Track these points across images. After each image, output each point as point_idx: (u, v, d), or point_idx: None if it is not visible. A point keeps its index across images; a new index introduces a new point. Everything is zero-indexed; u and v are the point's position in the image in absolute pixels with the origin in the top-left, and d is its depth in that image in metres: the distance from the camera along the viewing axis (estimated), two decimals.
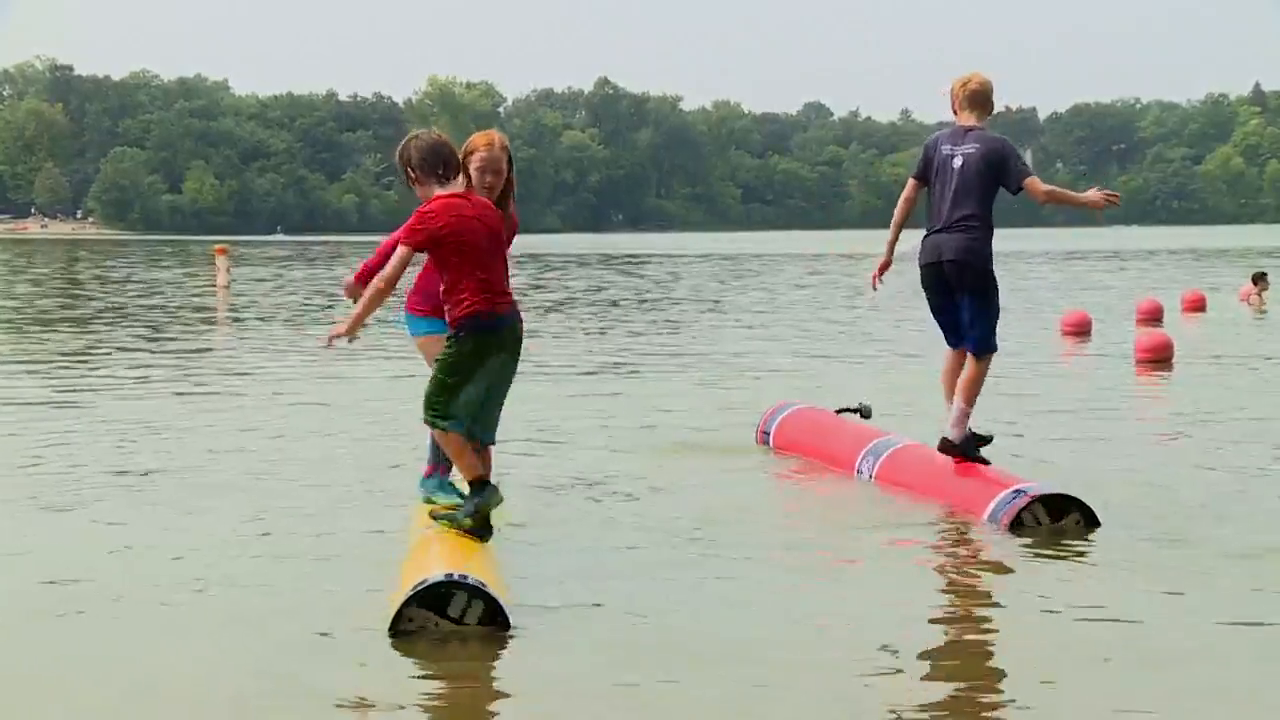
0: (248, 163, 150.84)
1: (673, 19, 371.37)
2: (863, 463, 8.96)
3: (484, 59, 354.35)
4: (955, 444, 8.25)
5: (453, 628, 5.72)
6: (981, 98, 8.31)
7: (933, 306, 8.42)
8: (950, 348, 8.44)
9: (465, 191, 6.42)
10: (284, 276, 40.85)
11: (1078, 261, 52.18)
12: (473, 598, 5.70)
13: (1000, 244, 8.36)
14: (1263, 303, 25.45)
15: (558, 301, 27.75)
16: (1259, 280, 26.37)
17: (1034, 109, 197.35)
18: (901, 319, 22.51)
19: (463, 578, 5.74)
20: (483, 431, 6.60)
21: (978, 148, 8.15)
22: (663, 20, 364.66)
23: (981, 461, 8.28)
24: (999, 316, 8.29)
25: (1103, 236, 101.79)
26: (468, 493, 6.57)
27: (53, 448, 10.12)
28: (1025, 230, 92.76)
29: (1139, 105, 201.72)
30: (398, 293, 6.67)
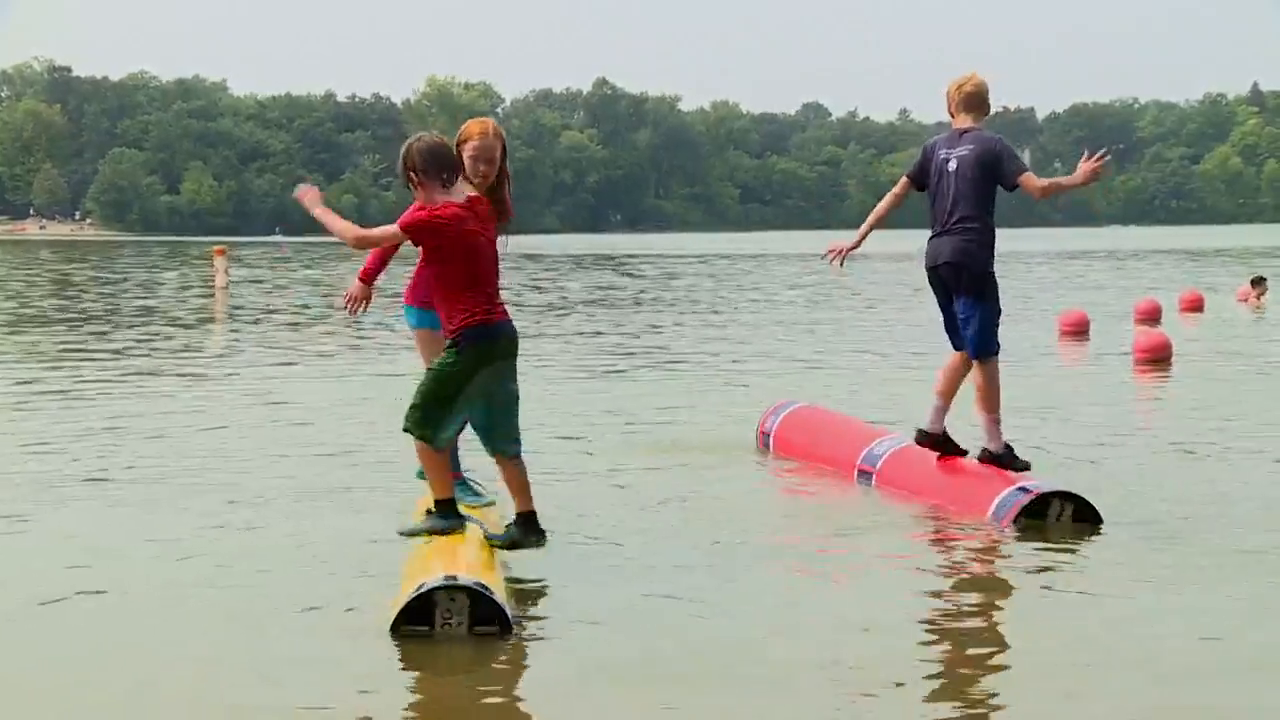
0: (246, 163, 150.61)
1: (671, 19, 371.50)
2: (863, 463, 8.98)
3: (482, 59, 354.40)
4: (996, 455, 8.22)
5: (455, 629, 5.71)
6: (977, 99, 8.28)
7: (940, 307, 8.45)
8: (956, 350, 8.43)
9: (469, 202, 6.40)
10: (282, 277, 40.83)
11: (1076, 261, 52.17)
12: (462, 594, 5.65)
13: (999, 244, 8.35)
14: (1261, 307, 25.40)
15: (553, 303, 27.75)
16: (1258, 284, 26.31)
17: (1032, 109, 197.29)
18: (899, 320, 22.53)
19: (450, 577, 5.71)
20: (502, 441, 6.47)
21: (972, 149, 8.12)
22: (661, 20, 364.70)
23: (1022, 469, 8.19)
24: (999, 319, 8.26)
25: (1101, 236, 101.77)
26: (436, 512, 6.47)
27: (33, 447, 10.16)
28: (1023, 230, 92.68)
29: (1137, 105, 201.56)
30: (388, 288, 6.64)
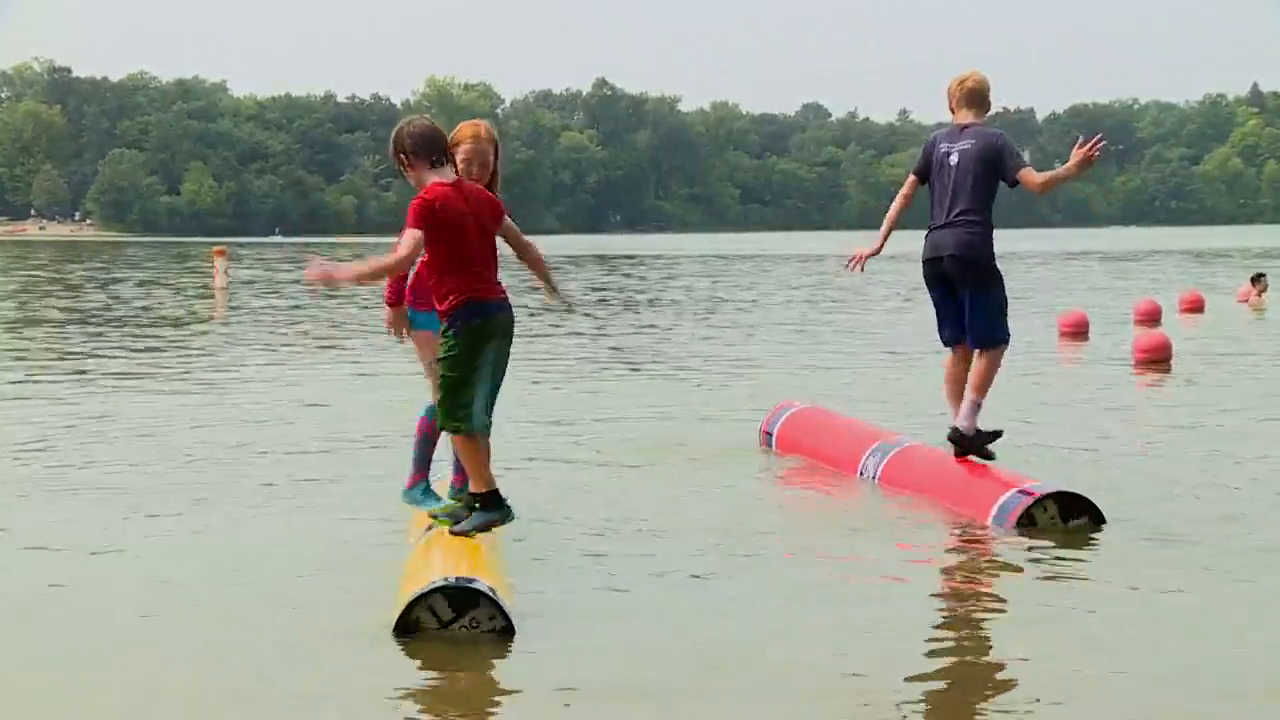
0: (246, 164, 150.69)
1: (671, 20, 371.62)
2: (866, 464, 8.98)
3: (482, 60, 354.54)
4: (965, 435, 8.23)
5: (457, 630, 5.72)
6: (978, 96, 8.35)
7: (935, 303, 8.46)
8: (946, 345, 8.45)
9: (457, 180, 6.41)
10: (281, 278, 40.84)
11: (1075, 262, 52.19)
12: (494, 613, 5.70)
13: (998, 244, 8.37)
14: (1262, 303, 25.46)
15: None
16: (1258, 280, 26.37)
17: (1032, 109, 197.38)
18: (899, 320, 22.53)
19: (446, 579, 5.72)
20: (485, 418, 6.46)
21: (974, 143, 8.19)
22: (661, 21, 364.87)
23: (988, 456, 8.28)
24: (1007, 307, 8.32)
25: (1101, 237, 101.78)
26: (481, 505, 6.43)
27: (24, 446, 10.19)
28: (1023, 230, 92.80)
29: (1137, 105, 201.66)
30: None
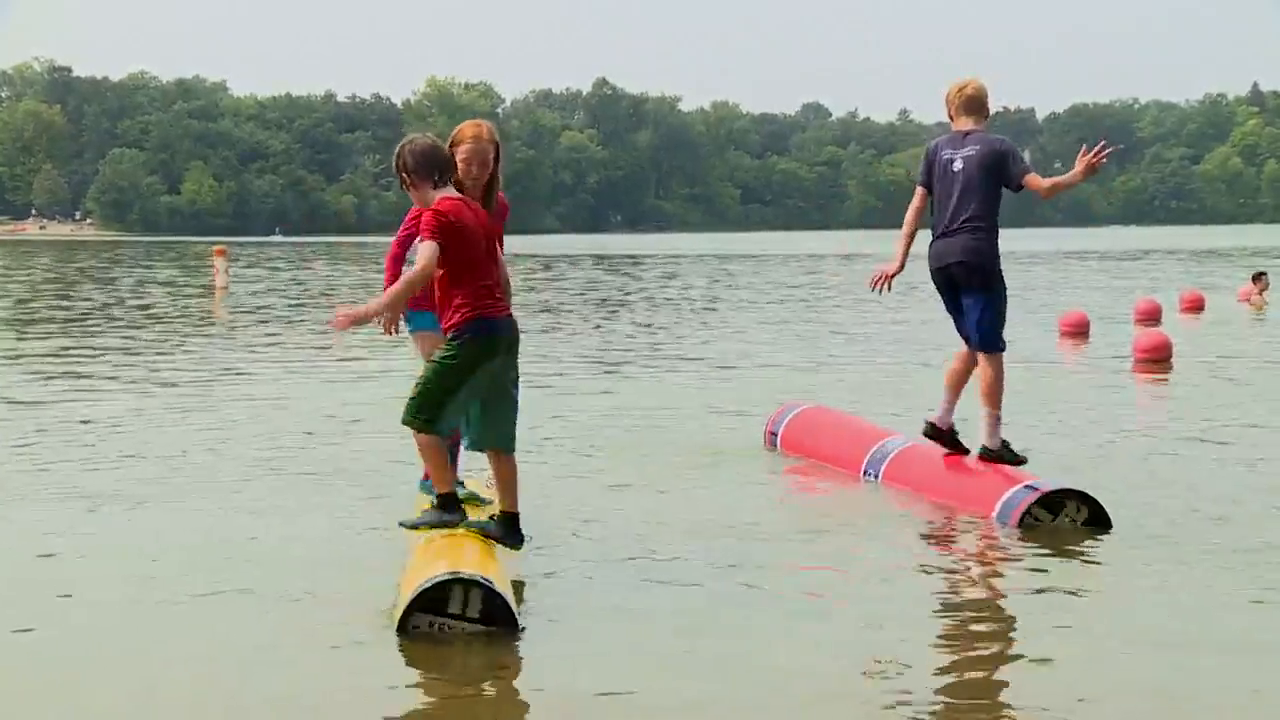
0: (246, 164, 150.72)
1: (671, 19, 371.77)
2: (869, 463, 8.98)
3: (482, 60, 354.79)
4: (993, 451, 8.30)
5: (460, 628, 5.72)
6: (977, 103, 8.40)
7: (947, 308, 8.50)
8: (966, 347, 8.47)
9: (464, 197, 6.44)
10: (280, 277, 40.85)
11: (1076, 261, 52.17)
12: (469, 589, 5.68)
13: (1001, 245, 8.38)
14: (1263, 302, 25.47)
15: (556, 301, 27.79)
16: (1259, 279, 26.38)
17: (1032, 109, 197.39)
18: (900, 319, 22.52)
19: (453, 573, 5.73)
20: (498, 438, 6.44)
21: (977, 149, 8.22)
22: (661, 21, 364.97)
23: (1019, 462, 8.30)
24: (1004, 317, 8.34)
25: (1101, 237, 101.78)
26: (438, 505, 6.46)
27: (22, 447, 10.21)
28: (1023, 230, 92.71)
29: (1137, 105, 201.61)
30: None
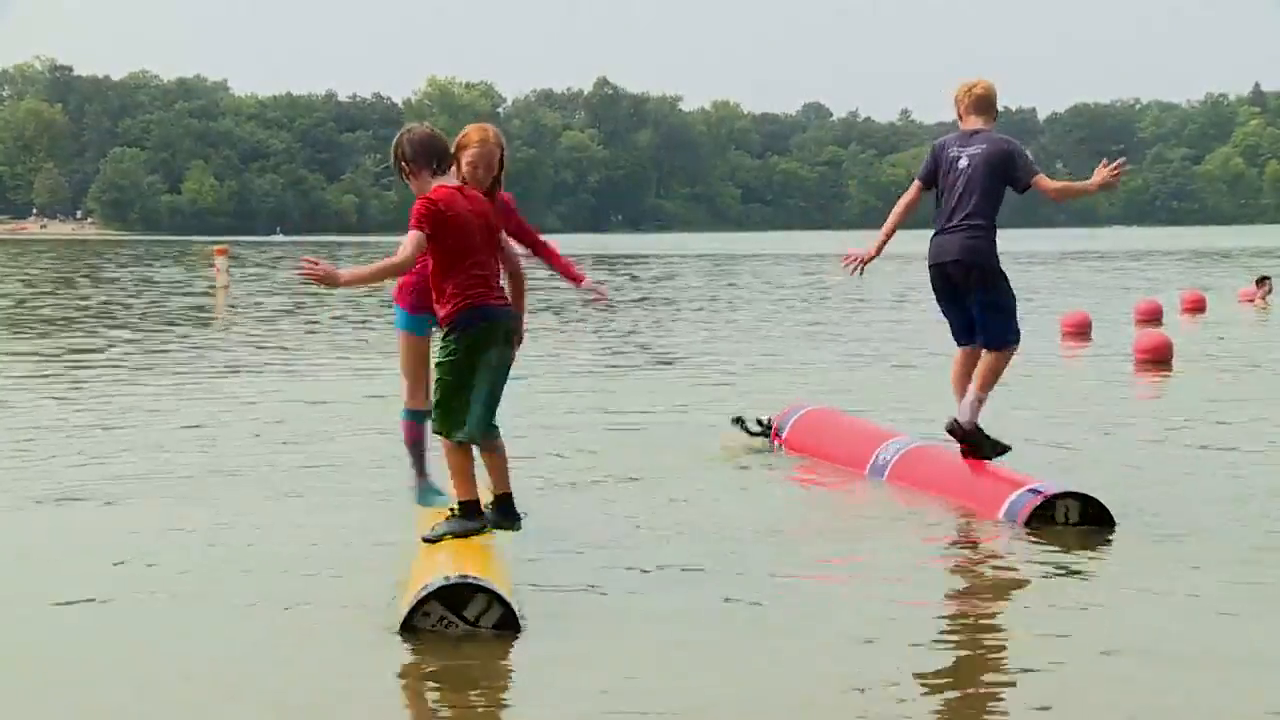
0: (247, 163, 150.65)
1: (672, 19, 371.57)
2: (875, 464, 8.99)
3: (483, 59, 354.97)
4: (963, 427, 8.27)
5: (464, 628, 5.74)
6: (986, 103, 8.43)
7: (941, 306, 8.49)
8: (960, 347, 8.48)
9: (460, 185, 6.45)
10: (282, 276, 40.85)
11: (1077, 262, 52.16)
12: (493, 603, 5.72)
13: (1000, 244, 8.38)
14: (1266, 305, 25.48)
15: (559, 301, 27.73)
16: (1262, 283, 26.36)
17: (1033, 109, 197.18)
18: (900, 319, 22.53)
19: (476, 580, 5.74)
20: (488, 425, 6.43)
21: (985, 148, 8.24)
22: (662, 20, 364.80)
23: (985, 455, 8.30)
24: (1015, 308, 8.35)
25: (1102, 237, 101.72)
26: (460, 514, 6.44)
27: (20, 445, 10.26)
28: (1025, 230, 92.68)
29: (1138, 105, 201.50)
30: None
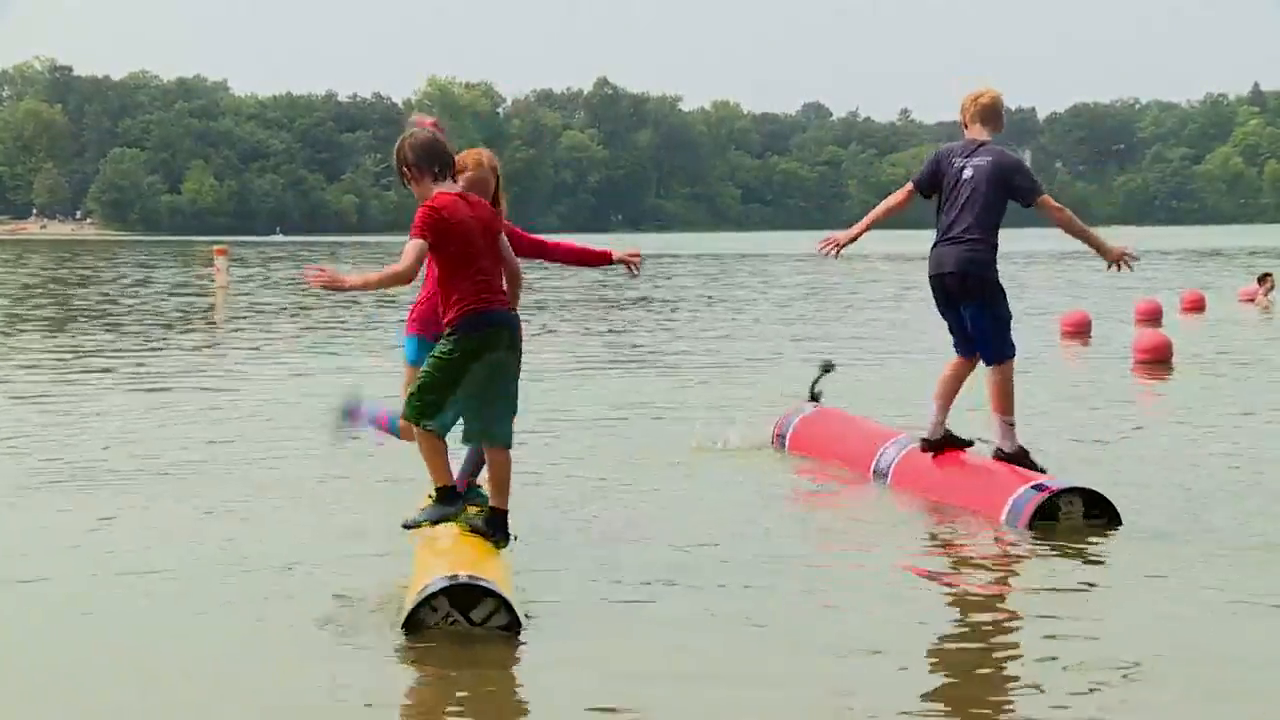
0: (247, 163, 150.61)
1: (672, 19, 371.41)
2: (878, 464, 9.00)
3: (483, 59, 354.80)
4: (1011, 455, 8.29)
5: (466, 629, 5.75)
6: (993, 113, 8.39)
7: (943, 316, 8.51)
8: (958, 355, 8.46)
9: (462, 191, 6.47)
10: (282, 277, 40.83)
11: (1077, 261, 52.14)
12: (500, 608, 5.73)
13: (1000, 245, 8.37)
14: (1268, 302, 25.47)
15: (563, 300, 27.78)
16: (1264, 280, 26.35)
17: (1033, 109, 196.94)
18: (901, 319, 22.54)
19: (483, 582, 5.76)
20: (494, 436, 6.44)
21: (989, 161, 8.20)
22: (662, 20, 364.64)
23: (1038, 470, 8.23)
24: (1009, 322, 8.33)
25: (1102, 236, 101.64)
26: (436, 499, 6.47)
27: (12, 444, 10.33)
28: (1024, 230, 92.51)
29: (1138, 105, 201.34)
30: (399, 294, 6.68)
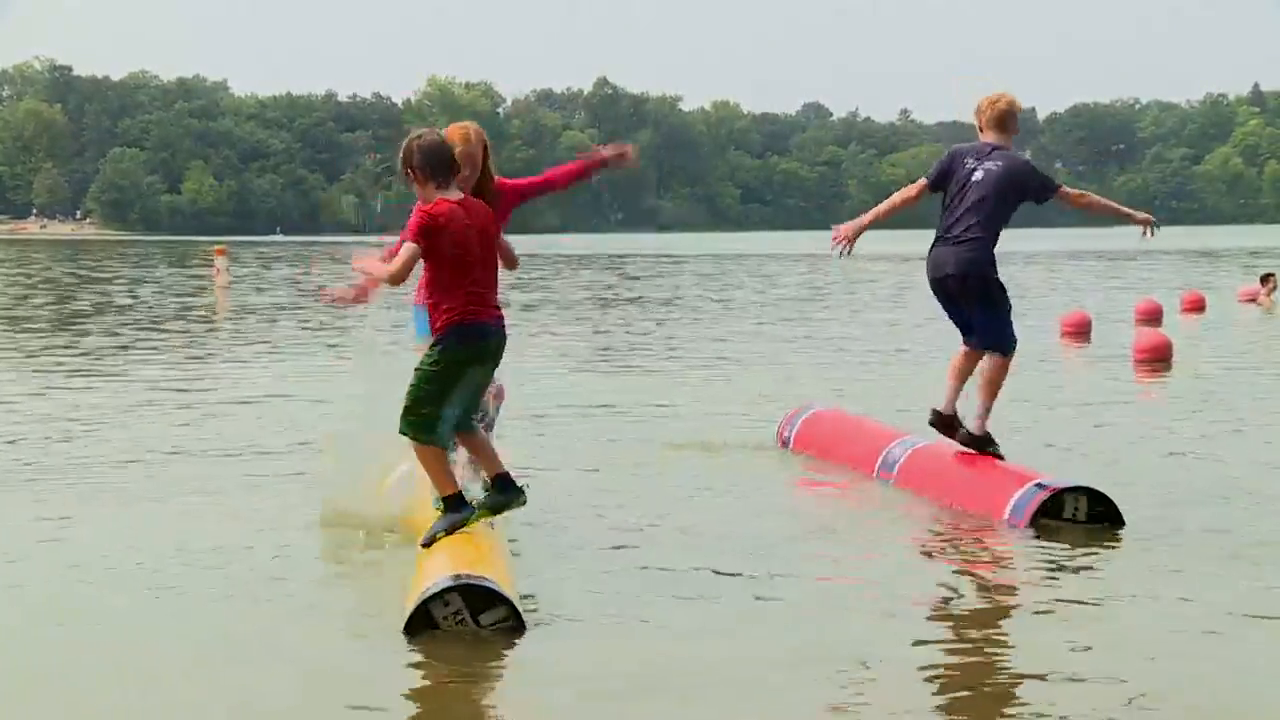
0: (247, 163, 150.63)
1: (672, 19, 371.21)
2: (882, 463, 9.01)
3: (483, 59, 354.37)
4: (976, 437, 8.38)
5: (469, 629, 5.75)
6: (1009, 118, 8.43)
7: (945, 312, 8.55)
8: (965, 345, 8.51)
9: (463, 199, 6.47)
10: (282, 276, 40.85)
11: (1077, 262, 52.17)
12: (510, 616, 5.73)
13: (1001, 244, 8.39)
14: (1271, 303, 25.47)
15: (567, 300, 27.82)
16: (1266, 280, 26.34)
17: (1033, 109, 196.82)
18: (901, 319, 22.54)
19: (504, 592, 5.75)
20: (464, 424, 6.48)
21: (1001, 165, 8.23)
22: (662, 20, 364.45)
23: (997, 456, 8.38)
24: (1010, 315, 8.38)
25: (1101, 237, 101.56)
26: (445, 508, 6.47)
27: (14, 436, 10.38)
28: (1024, 230, 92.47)
29: (1138, 106, 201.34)
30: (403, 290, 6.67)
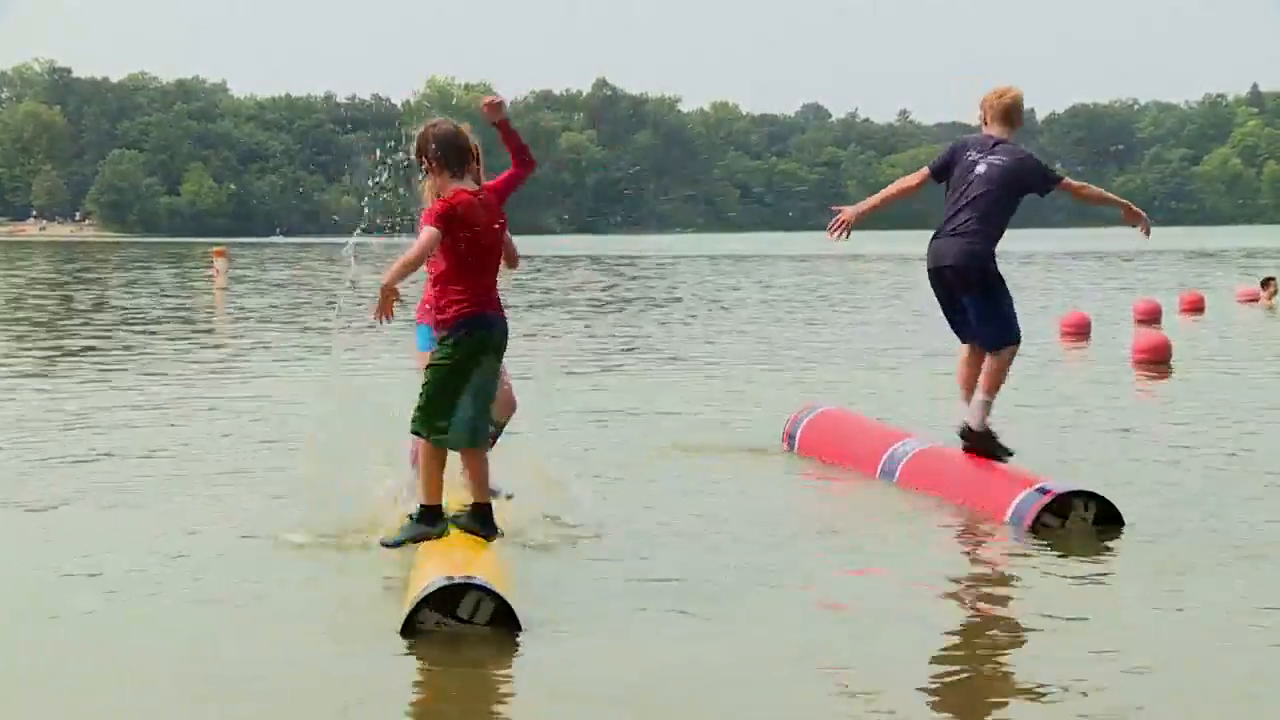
0: (246, 165, 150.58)
1: (671, 20, 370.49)
2: (885, 465, 9.00)
3: (482, 60, 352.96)
4: (974, 431, 8.34)
5: (465, 628, 5.75)
6: (1014, 111, 8.45)
7: (942, 308, 8.53)
8: (963, 344, 8.51)
9: (480, 191, 6.48)
10: (281, 277, 40.84)
11: (1076, 262, 52.17)
12: (483, 599, 5.74)
13: (1000, 245, 8.39)
14: (1272, 305, 25.48)
15: (569, 299, 27.81)
16: (1267, 284, 26.36)
17: (1032, 110, 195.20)
18: (908, 320, 22.54)
19: (466, 579, 5.77)
20: (472, 439, 6.50)
21: (1005, 159, 8.24)
22: (661, 21, 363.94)
23: (997, 456, 8.35)
24: (1012, 308, 8.37)
25: (1101, 237, 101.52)
26: (418, 518, 6.52)
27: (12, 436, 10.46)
28: (1024, 230, 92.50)
29: (1137, 106, 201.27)
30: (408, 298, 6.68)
